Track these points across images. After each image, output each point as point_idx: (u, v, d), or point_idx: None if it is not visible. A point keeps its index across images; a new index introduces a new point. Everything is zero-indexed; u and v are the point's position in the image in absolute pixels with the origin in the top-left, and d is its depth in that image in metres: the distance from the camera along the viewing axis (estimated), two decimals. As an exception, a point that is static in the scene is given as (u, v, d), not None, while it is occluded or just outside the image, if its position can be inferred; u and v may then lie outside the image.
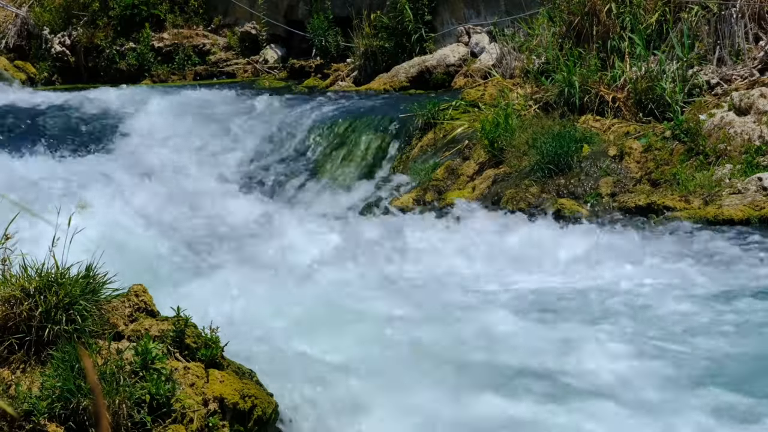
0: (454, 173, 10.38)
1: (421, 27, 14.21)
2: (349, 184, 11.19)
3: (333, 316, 6.70)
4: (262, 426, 5.39)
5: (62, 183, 10.72)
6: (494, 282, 7.73)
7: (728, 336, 6.44)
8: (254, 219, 10.09)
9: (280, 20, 16.30)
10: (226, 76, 16.28)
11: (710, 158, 9.12)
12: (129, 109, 13.25)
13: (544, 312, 7.05)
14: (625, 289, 7.37)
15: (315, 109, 12.69)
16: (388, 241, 8.79)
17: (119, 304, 5.50)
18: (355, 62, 14.76)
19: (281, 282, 7.53)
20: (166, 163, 11.87)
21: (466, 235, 8.75)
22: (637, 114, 10.10)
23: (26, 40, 17.50)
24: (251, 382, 5.50)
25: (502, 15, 13.48)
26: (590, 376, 5.96)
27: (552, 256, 8.21)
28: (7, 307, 5.13)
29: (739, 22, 10.42)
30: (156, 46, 16.64)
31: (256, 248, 8.91)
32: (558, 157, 9.43)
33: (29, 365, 5.10)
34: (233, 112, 13.09)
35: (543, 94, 10.77)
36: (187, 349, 5.37)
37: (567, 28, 11.22)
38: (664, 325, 6.70)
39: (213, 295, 7.05)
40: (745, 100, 9.39)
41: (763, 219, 8.33)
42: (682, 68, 10.16)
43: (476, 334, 6.52)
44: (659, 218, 8.68)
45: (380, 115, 12.01)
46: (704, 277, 7.50)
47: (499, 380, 5.92)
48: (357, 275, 7.86)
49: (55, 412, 4.87)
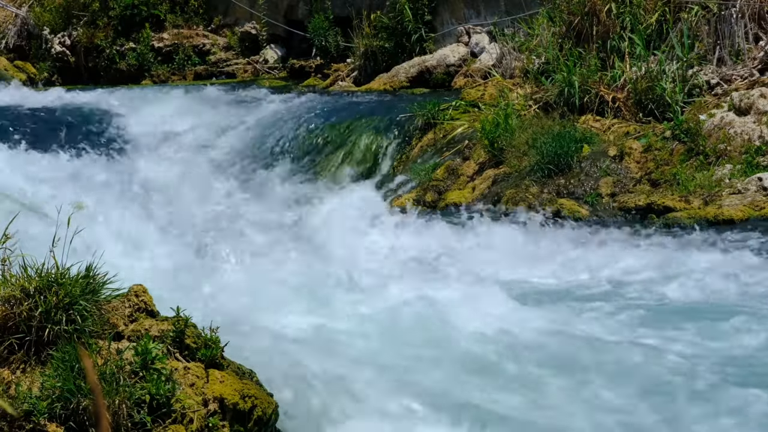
0: (454, 173, 10.38)
1: (421, 27, 14.21)
2: (349, 184, 11.19)
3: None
4: (262, 426, 5.38)
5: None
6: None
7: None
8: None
9: (280, 20, 16.30)
10: (226, 76, 16.28)
11: (710, 158, 9.11)
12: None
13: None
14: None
15: (315, 109, 12.69)
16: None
17: (119, 304, 5.50)
18: (355, 62, 14.76)
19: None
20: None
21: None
22: (637, 114, 10.10)
23: (26, 40, 17.50)
24: (251, 383, 5.50)
25: (502, 15, 13.48)
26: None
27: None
28: (7, 307, 5.13)
29: (739, 22, 10.41)
30: (156, 46, 16.64)
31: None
32: (558, 157, 9.43)
33: (29, 365, 5.10)
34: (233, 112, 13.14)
35: (543, 94, 10.77)
36: (187, 349, 5.37)
37: (567, 28, 11.22)
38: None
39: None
40: (745, 100, 9.39)
41: (763, 219, 8.32)
42: (682, 68, 10.16)
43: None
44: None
45: (380, 115, 12.01)
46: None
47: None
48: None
49: (55, 412, 4.87)
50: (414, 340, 6.41)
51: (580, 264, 8.21)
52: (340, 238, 9.27)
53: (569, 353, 6.27)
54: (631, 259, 8.11)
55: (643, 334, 6.62)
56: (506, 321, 6.69)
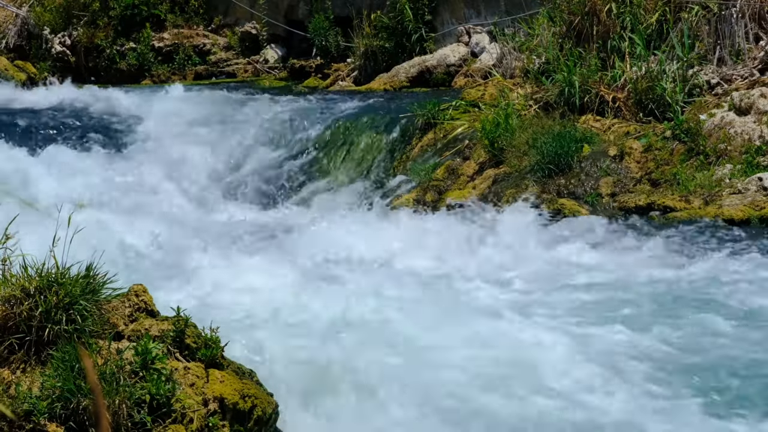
0: (454, 173, 10.38)
1: (421, 27, 14.21)
2: (349, 184, 11.19)
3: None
4: (262, 426, 5.38)
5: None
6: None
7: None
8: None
9: (281, 20, 16.30)
10: (227, 76, 16.29)
11: (710, 158, 9.11)
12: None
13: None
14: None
15: (315, 109, 12.69)
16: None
17: (119, 304, 5.50)
18: (355, 62, 14.76)
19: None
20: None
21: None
22: (637, 114, 10.10)
23: (26, 40, 17.50)
24: (251, 382, 5.50)
25: (502, 15, 13.48)
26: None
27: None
28: (7, 307, 5.13)
29: (739, 22, 10.41)
30: (156, 46, 16.64)
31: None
32: (558, 157, 9.43)
33: (29, 365, 5.10)
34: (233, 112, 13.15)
35: (543, 94, 10.77)
36: (187, 349, 5.37)
37: (567, 28, 11.22)
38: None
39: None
40: (746, 100, 9.39)
41: (763, 219, 8.32)
42: (682, 68, 10.16)
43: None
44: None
45: (380, 115, 12.00)
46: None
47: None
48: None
49: (55, 412, 4.87)
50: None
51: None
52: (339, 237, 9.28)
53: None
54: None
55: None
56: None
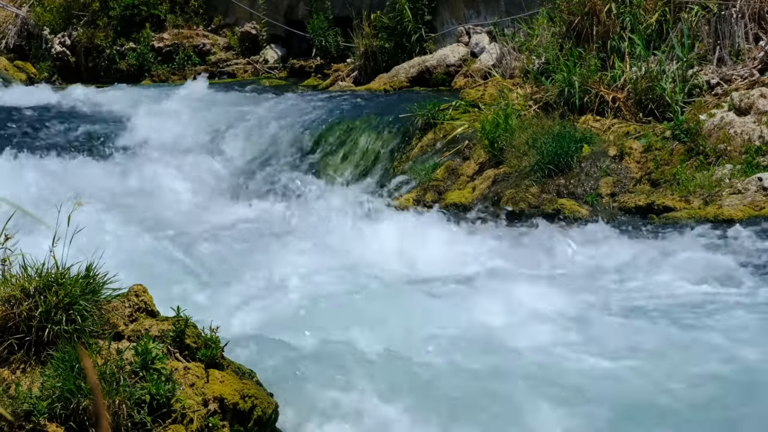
0: (454, 173, 10.37)
1: (421, 27, 14.21)
2: (349, 184, 11.18)
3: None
4: (262, 426, 5.39)
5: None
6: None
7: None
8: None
9: (280, 20, 16.30)
10: (227, 76, 16.29)
11: (710, 158, 9.11)
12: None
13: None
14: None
15: (315, 109, 12.69)
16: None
17: (119, 304, 5.50)
18: (355, 62, 14.76)
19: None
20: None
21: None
22: (637, 114, 10.10)
23: (26, 40, 17.51)
24: (251, 383, 5.50)
25: (502, 15, 13.48)
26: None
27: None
28: (7, 307, 5.13)
29: (739, 22, 10.41)
30: (156, 46, 16.65)
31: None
32: (558, 157, 9.43)
33: (29, 365, 5.10)
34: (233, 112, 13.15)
35: (543, 94, 10.77)
36: (187, 349, 5.37)
37: (567, 28, 11.22)
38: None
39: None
40: (745, 100, 9.39)
41: (763, 219, 8.32)
42: (682, 68, 10.16)
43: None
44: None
45: (380, 115, 12.00)
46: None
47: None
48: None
49: (55, 412, 4.87)
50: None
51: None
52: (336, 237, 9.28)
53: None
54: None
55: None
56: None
